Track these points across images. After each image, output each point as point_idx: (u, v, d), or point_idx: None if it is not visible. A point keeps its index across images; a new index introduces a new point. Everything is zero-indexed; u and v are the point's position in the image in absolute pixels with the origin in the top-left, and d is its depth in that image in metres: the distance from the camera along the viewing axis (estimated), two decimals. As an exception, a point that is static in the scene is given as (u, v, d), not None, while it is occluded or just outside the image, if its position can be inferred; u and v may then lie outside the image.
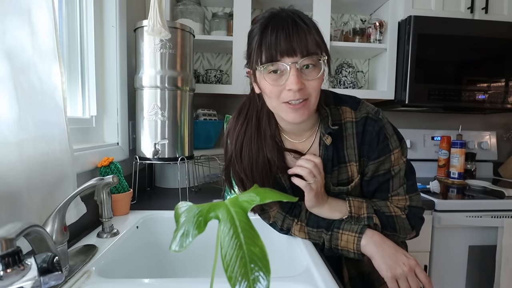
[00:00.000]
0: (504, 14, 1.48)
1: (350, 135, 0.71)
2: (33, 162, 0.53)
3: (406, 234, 0.72)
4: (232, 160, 0.74)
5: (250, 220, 0.27)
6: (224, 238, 0.25)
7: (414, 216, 0.72)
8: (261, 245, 0.25)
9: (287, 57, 0.59)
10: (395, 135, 0.72)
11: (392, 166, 0.71)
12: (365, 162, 0.72)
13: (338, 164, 0.73)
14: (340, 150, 0.72)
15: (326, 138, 0.70)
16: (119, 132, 1.07)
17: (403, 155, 0.72)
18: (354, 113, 0.71)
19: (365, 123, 0.70)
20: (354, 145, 0.71)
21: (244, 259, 0.24)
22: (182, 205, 0.30)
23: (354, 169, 0.73)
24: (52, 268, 0.35)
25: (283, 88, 0.61)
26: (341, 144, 0.72)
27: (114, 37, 1.03)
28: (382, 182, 0.72)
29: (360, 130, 0.71)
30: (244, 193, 0.29)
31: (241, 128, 0.74)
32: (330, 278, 0.55)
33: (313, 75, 0.62)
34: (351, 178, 0.73)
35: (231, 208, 0.27)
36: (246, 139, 0.73)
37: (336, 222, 0.71)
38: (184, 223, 0.27)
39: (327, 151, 0.71)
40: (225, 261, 0.24)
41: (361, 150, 0.72)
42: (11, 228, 0.34)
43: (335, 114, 0.72)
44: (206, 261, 0.91)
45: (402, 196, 0.72)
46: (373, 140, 0.70)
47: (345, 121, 0.72)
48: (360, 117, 0.71)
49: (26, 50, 0.53)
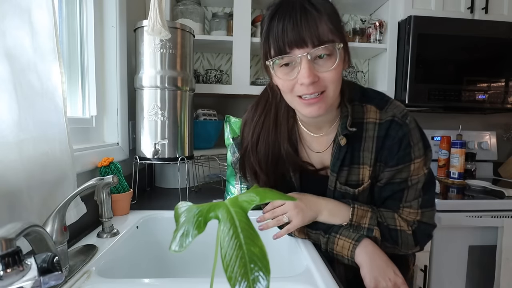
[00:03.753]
0: (504, 14, 1.48)
1: (370, 138, 0.66)
2: (33, 162, 0.53)
3: (408, 249, 0.68)
4: (248, 151, 0.71)
5: (250, 220, 0.27)
6: (224, 238, 0.25)
7: (422, 232, 0.67)
8: (261, 245, 0.25)
9: (297, 49, 0.54)
10: (420, 143, 0.65)
11: (410, 176, 0.65)
12: (381, 167, 0.67)
13: (350, 165, 0.68)
14: (356, 151, 0.67)
15: (341, 138, 0.66)
16: (119, 132, 1.07)
17: (425, 166, 0.66)
18: (379, 114, 0.65)
19: (389, 127, 0.64)
20: (372, 149, 0.66)
21: (244, 259, 0.24)
22: (182, 205, 0.30)
23: (366, 172, 0.67)
24: (52, 268, 0.35)
25: (296, 82, 0.57)
26: (358, 145, 0.67)
27: (114, 37, 1.03)
28: (396, 191, 0.67)
29: (382, 135, 0.65)
30: (244, 193, 0.30)
31: (259, 119, 0.71)
32: (330, 278, 0.55)
33: (328, 65, 0.56)
34: (361, 182, 0.69)
35: (231, 208, 0.27)
36: (263, 131, 0.70)
37: (335, 227, 0.69)
38: (184, 223, 0.27)
39: (340, 151, 0.67)
40: (225, 261, 0.25)
41: (379, 155, 0.66)
42: (11, 228, 0.34)
43: (357, 112, 0.66)
44: (206, 261, 0.91)
45: (414, 210, 0.66)
46: (394, 146, 0.64)
47: (367, 121, 0.66)
48: (385, 119, 0.65)
49: (26, 50, 0.53)
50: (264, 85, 1.49)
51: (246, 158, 0.72)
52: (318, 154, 0.73)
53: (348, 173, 0.69)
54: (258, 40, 1.43)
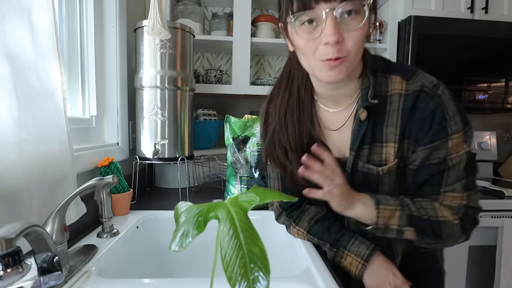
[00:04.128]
0: (504, 14, 1.48)
1: (395, 111, 0.59)
2: (33, 162, 0.53)
3: (454, 241, 0.61)
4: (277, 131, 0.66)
5: (250, 220, 0.27)
6: (224, 238, 0.26)
7: (469, 218, 0.59)
8: (261, 245, 0.25)
9: (323, 3, 0.50)
10: (457, 116, 0.57)
11: (449, 155, 0.57)
12: (411, 145, 0.59)
13: (371, 143, 0.61)
14: (379, 127, 0.60)
15: (362, 112, 0.59)
16: (119, 132, 1.07)
17: (465, 143, 0.57)
18: (405, 84, 0.59)
19: (417, 98, 0.57)
20: (397, 123, 0.59)
21: (244, 259, 0.24)
22: (182, 205, 0.30)
23: (390, 151, 0.60)
24: (52, 268, 0.35)
25: (319, 42, 0.52)
26: (382, 120, 0.60)
27: (114, 37, 1.03)
28: (434, 174, 0.59)
29: (409, 106, 0.57)
30: (243, 193, 0.30)
31: (284, 96, 0.67)
32: (330, 278, 0.55)
33: (354, 24, 0.51)
34: (384, 162, 0.61)
35: (231, 208, 0.27)
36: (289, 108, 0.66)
37: (344, 241, 0.65)
38: (184, 223, 0.27)
39: (360, 127, 0.60)
40: (225, 261, 0.25)
41: (405, 130, 0.59)
42: (11, 228, 0.34)
43: (380, 83, 0.60)
44: (206, 261, 0.91)
45: (459, 193, 0.58)
46: (425, 120, 0.56)
47: (392, 93, 0.59)
48: (412, 90, 0.57)
49: (26, 50, 0.53)
50: (264, 85, 1.49)
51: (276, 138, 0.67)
52: (335, 132, 0.67)
53: (369, 152, 0.62)
54: (258, 40, 1.44)
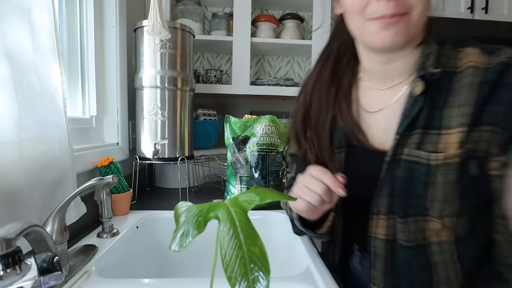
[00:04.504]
0: (504, 14, 1.48)
1: (467, 86, 0.45)
2: (33, 162, 0.53)
3: None
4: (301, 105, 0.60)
5: (250, 220, 0.27)
6: (223, 238, 0.26)
7: None
8: (261, 245, 0.25)
9: None
10: None
11: None
12: (494, 135, 0.44)
13: (425, 128, 0.47)
14: (438, 109, 0.47)
15: (417, 85, 0.47)
16: (119, 132, 1.07)
17: None
18: (486, 58, 0.46)
19: (503, 73, 0.44)
20: (468, 101, 0.45)
21: (244, 259, 0.24)
22: (182, 205, 0.30)
23: (452, 139, 0.45)
24: (52, 268, 0.35)
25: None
26: (443, 100, 0.47)
27: (114, 37, 1.03)
28: None
29: (491, 79, 0.44)
30: (243, 193, 0.30)
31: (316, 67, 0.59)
32: (330, 278, 0.55)
33: None
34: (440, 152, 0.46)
35: (231, 208, 0.27)
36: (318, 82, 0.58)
37: None
38: (184, 223, 0.27)
39: (413, 105, 0.47)
40: (225, 261, 0.25)
41: (483, 112, 0.45)
42: (11, 228, 0.34)
43: (448, 56, 0.48)
44: (206, 261, 0.91)
45: None
46: None
47: (465, 68, 0.47)
48: (496, 62, 0.45)
49: (26, 50, 0.53)
50: (264, 85, 1.49)
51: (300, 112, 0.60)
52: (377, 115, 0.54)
53: (420, 139, 0.47)
54: (258, 40, 1.44)
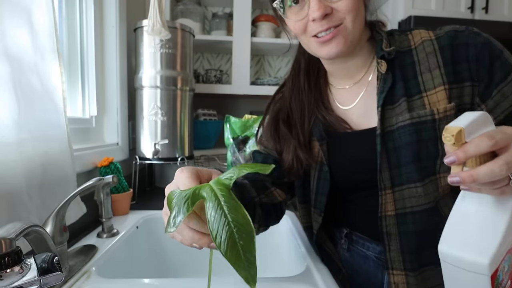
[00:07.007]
0: (504, 14, 1.48)
1: (431, 54, 0.52)
2: (33, 162, 0.53)
3: None
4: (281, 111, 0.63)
5: (233, 195, 0.30)
6: (210, 213, 0.29)
7: None
8: (243, 213, 0.29)
9: None
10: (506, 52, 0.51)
11: None
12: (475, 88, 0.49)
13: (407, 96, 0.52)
14: (410, 79, 0.52)
15: (381, 65, 0.53)
16: (119, 132, 1.07)
17: None
18: (432, 33, 0.53)
19: (455, 36, 0.51)
20: (437, 63, 0.51)
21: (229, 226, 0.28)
22: (174, 193, 0.33)
23: (439, 96, 0.50)
24: (52, 268, 0.35)
25: (307, 20, 0.49)
26: (412, 71, 0.53)
27: (114, 37, 1.03)
28: None
29: (447, 43, 0.51)
30: (224, 173, 0.33)
31: (290, 80, 0.64)
32: (330, 278, 0.55)
33: None
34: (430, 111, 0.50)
35: (214, 186, 0.31)
36: (295, 90, 0.62)
37: None
38: (175, 206, 0.31)
39: (385, 82, 0.53)
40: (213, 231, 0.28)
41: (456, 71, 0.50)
42: (11, 228, 0.34)
43: (399, 40, 0.55)
44: (206, 261, 0.90)
45: None
46: (483, 54, 0.49)
47: (419, 43, 0.53)
48: (445, 31, 0.52)
49: (26, 50, 0.53)
50: (264, 85, 1.49)
51: (281, 117, 0.63)
52: (354, 108, 0.60)
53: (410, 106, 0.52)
54: (258, 40, 1.44)
